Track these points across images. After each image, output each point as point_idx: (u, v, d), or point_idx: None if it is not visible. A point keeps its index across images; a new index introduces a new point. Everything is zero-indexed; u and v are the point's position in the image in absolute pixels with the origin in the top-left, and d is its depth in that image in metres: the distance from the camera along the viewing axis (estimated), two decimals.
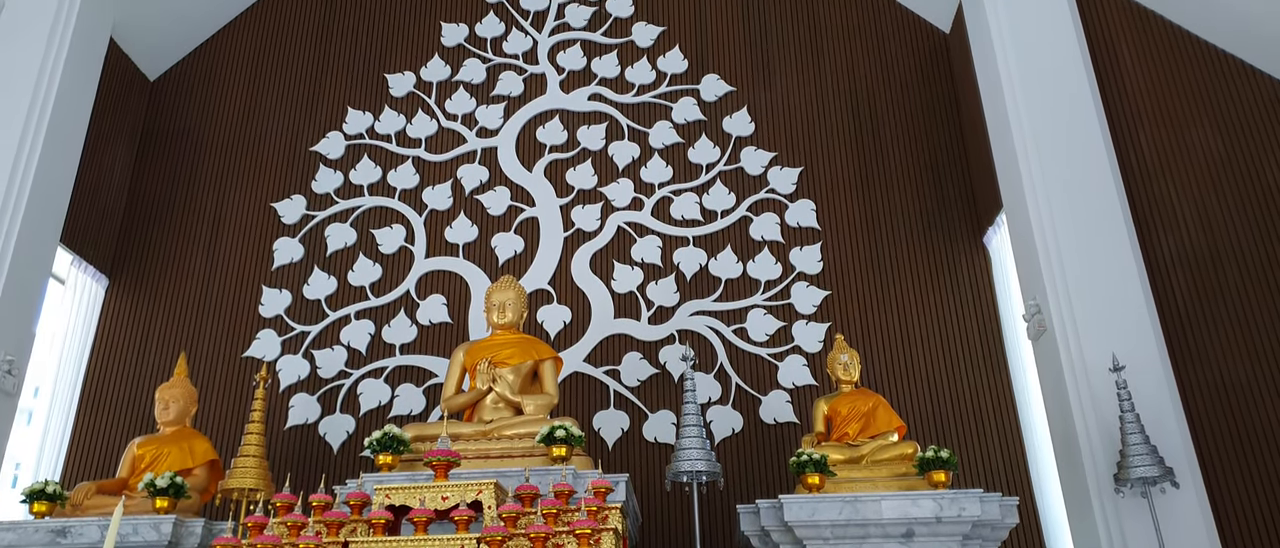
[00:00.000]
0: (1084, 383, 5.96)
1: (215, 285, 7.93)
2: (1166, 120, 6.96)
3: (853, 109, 8.15)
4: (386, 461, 5.36)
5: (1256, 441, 5.97)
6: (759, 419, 7.09)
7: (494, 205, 8.01)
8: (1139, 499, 5.49)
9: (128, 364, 7.68)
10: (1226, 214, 6.59)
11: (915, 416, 6.97)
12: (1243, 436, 5.99)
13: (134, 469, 5.87)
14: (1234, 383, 6.13)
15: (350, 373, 7.48)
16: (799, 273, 7.56)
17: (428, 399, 7.33)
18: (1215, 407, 6.10)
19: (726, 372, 7.25)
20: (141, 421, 7.36)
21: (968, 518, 5.05)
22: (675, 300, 7.54)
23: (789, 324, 7.39)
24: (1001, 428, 6.91)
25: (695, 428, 5.42)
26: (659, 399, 7.22)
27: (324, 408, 7.38)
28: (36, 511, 5.37)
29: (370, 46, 8.86)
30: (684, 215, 7.86)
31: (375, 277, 7.82)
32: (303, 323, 7.69)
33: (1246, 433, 6.00)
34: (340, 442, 7.23)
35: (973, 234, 7.59)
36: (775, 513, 5.24)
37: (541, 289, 7.68)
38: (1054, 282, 6.27)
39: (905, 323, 7.33)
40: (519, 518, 4.36)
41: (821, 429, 5.92)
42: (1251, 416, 6.04)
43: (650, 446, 7.08)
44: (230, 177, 8.37)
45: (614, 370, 7.34)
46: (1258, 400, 6.07)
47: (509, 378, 6.10)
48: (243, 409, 7.36)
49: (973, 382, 7.09)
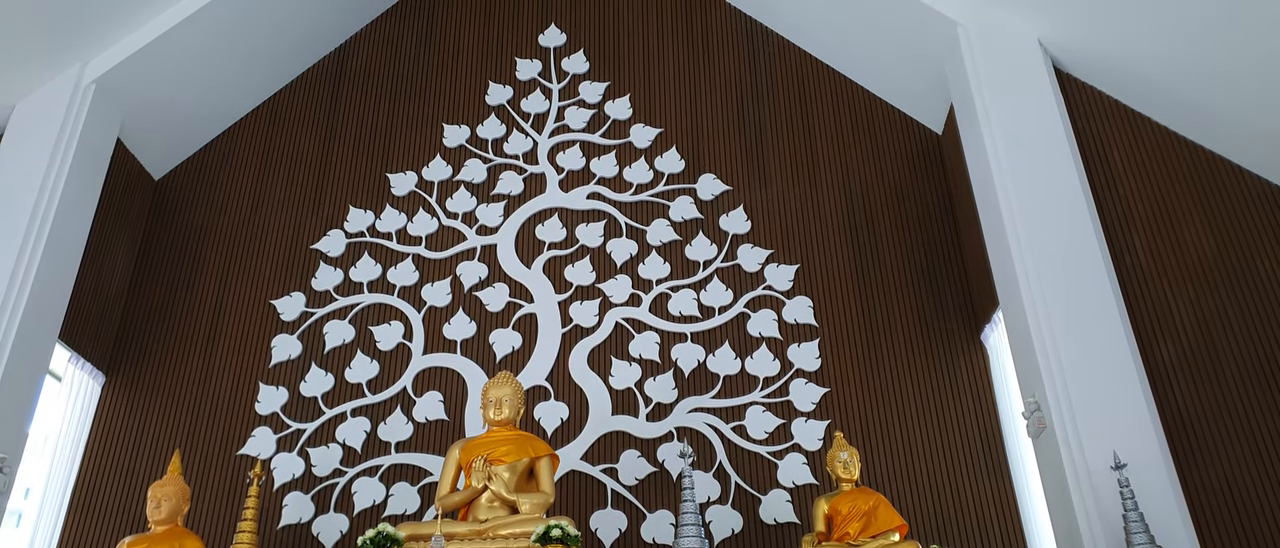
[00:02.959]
0: (1086, 481, 5.90)
1: (212, 382, 7.92)
2: (1160, 221, 7.09)
3: (847, 208, 8.30)
4: None
5: (1261, 538, 5.88)
6: (759, 519, 6.99)
7: (492, 302, 8.08)
8: None
9: (121, 462, 7.61)
10: (1222, 313, 6.65)
11: (916, 514, 6.87)
12: (1247, 534, 5.91)
13: None
14: (1239, 485, 6.08)
15: (345, 471, 7.40)
16: (797, 369, 7.58)
17: (422, 498, 7.23)
18: (1221, 508, 6.03)
19: (726, 470, 7.18)
20: (133, 521, 7.24)
21: None
22: (673, 397, 7.53)
23: (788, 421, 7.36)
24: (1003, 526, 6.81)
25: (694, 528, 5.35)
26: (657, 499, 7.14)
27: (318, 507, 7.28)
28: None
29: (373, 147, 9.08)
30: (682, 311, 7.92)
31: (372, 373, 7.83)
32: (299, 420, 7.66)
33: (1250, 532, 5.91)
34: (334, 542, 7.10)
35: (970, 332, 7.63)
36: None
37: (539, 385, 7.67)
38: (1052, 378, 6.27)
39: (904, 420, 7.30)
40: None
41: (822, 529, 5.84)
42: (1258, 517, 5.97)
43: (649, 547, 6.95)
44: (231, 274, 8.46)
45: (612, 469, 7.28)
46: (1264, 502, 6.01)
47: (505, 476, 6.05)
48: (236, 508, 7.26)
49: (973, 480, 7.02)
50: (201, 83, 8.72)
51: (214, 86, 8.87)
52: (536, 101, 9.17)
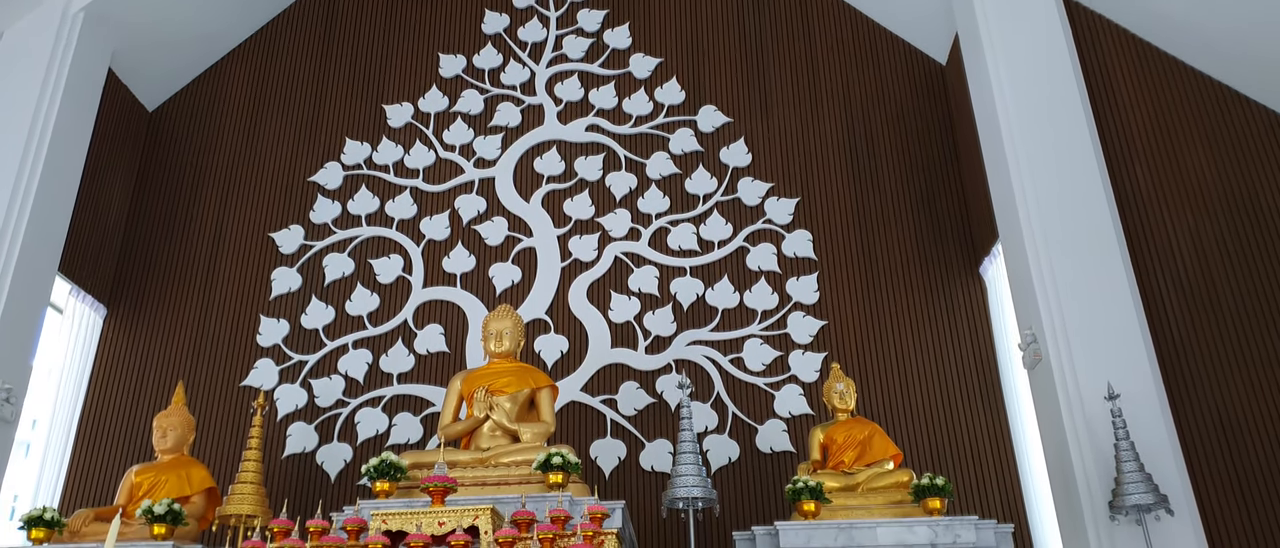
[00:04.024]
0: (1079, 411, 5.98)
1: (213, 315, 7.96)
2: (1162, 150, 7.05)
3: (849, 140, 8.24)
4: (383, 487, 5.37)
5: (1251, 469, 5.99)
6: (755, 448, 7.10)
7: (491, 236, 8.08)
8: (1133, 527, 5.50)
9: (125, 393, 7.69)
10: (1221, 243, 6.66)
11: (911, 444, 6.99)
12: (1238, 464, 6.01)
13: (132, 497, 5.87)
14: (1229, 412, 6.16)
15: (348, 402, 7.49)
16: (795, 303, 7.61)
17: (425, 428, 7.33)
18: (1210, 435, 6.12)
19: (723, 401, 7.27)
20: (139, 449, 7.36)
21: (963, 545, 5.06)
22: (672, 330, 7.58)
23: (785, 354, 7.42)
24: (996, 456, 6.93)
25: (691, 456, 5.44)
26: (656, 429, 7.24)
27: (321, 437, 7.39)
28: (35, 537, 5.37)
29: (368, 77, 8.97)
30: (681, 246, 7.92)
31: (373, 306, 7.86)
32: (300, 352, 7.72)
33: (1242, 461, 6.02)
34: (337, 470, 7.23)
35: (969, 264, 7.65)
36: (771, 540, 5.24)
37: (539, 319, 7.72)
38: (1050, 311, 6.31)
39: (901, 352, 7.36)
40: (515, 543, 4.37)
41: (817, 457, 5.94)
42: (1247, 444, 6.06)
43: (647, 474, 7.08)
44: (229, 206, 8.43)
45: (611, 400, 7.36)
46: (1253, 429, 6.10)
47: (506, 406, 6.13)
48: (240, 438, 7.36)
49: (968, 410, 7.11)
50: (192, 10, 8.58)
51: (205, 14, 8.72)
52: (534, 30, 9.02)
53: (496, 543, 4.32)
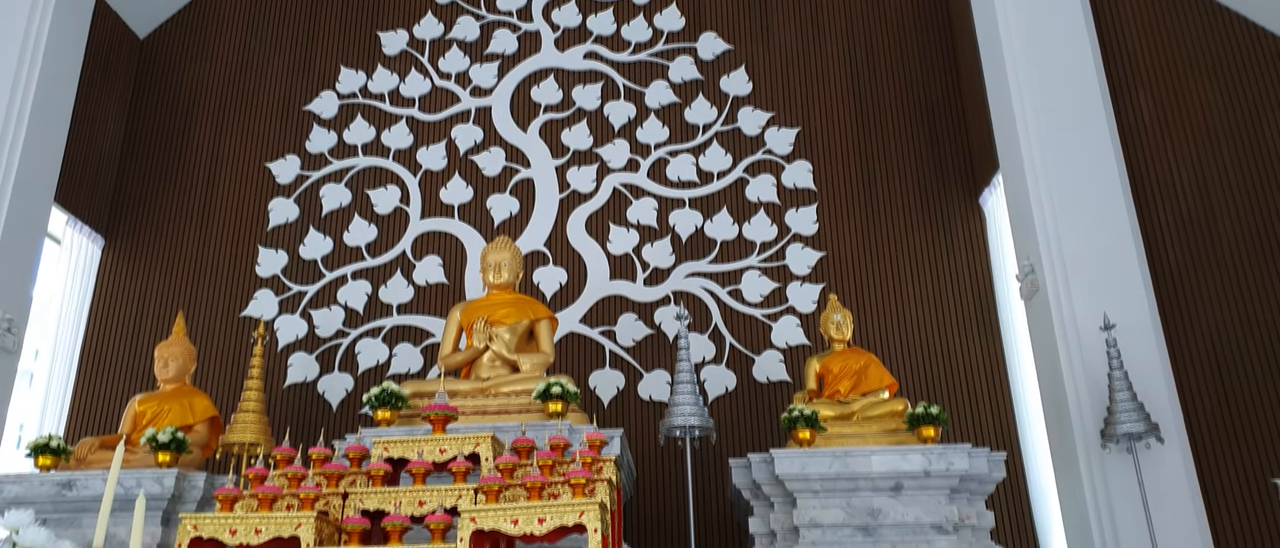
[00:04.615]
0: (1075, 342, 6.03)
1: (211, 245, 7.95)
2: (1166, 79, 6.96)
3: (851, 69, 8.13)
4: (385, 416, 5.44)
5: (1241, 398, 6.06)
6: (752, 378, 7.17)
7: (489, 166, 8.02)
8: (1124, 455, 5.59)
9: (126, 324, 7.72)
10: (1222, 173, 6.63)
11: (907, 373, 7.05)
12: (1228, 394, 6.08)
13: (136, 426, 5.94)
14: (1223, 342, 6.21)
15: (348, 332, 7.53)
16: (794, 234, 7.60)
17: (425, 358, 7.39)
18: (1203, 365, 6.18)
19: (721, 332, 7.32)
20: (141, 379, 7.42)
21: (956, 472, 5.14)
22: (671, 262, 7.58)
23: (783, 285, 7.44)
24: (991, 386, 7.01)
25: (688, 385, 5.49)
26: (654, 359, 7.30)
27: (322, 367, 7.45)
28: (41, 464, 5.45)
29: (362, 2, 8.79)
30: (680, 177, 7.87)
31: (371, 237, 7.85)
32: (299, 283, 7.73)
33: (1232, 391, 6.08)
34: (339, 400, 7.31)
35: (969, 195, 7.62)
36: (767, 467, 5.33)
37: (537, 251, 7.71)
38: (1048, 242, 6.32)
39: (899, 283, 7.39)
40: (515, 470, 4.43)
41: (814, 387, 6.00)
42: (1238, 374, 6.13)
43: (645, 404, 7.16)
44: (224, 136, 8.35)
45: (610, 331, 7.41)
46: (1245, 359, 6.15)
47: (505, 337, 6.16)
48: (241, 368, 7.42)
49: (964, 341, 7.16)
50: None
51: None
52: None
53: (497, 470, 4.38)
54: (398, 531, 4.10)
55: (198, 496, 5.43)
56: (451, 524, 4.15)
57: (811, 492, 5.22)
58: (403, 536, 4.14)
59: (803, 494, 5.23)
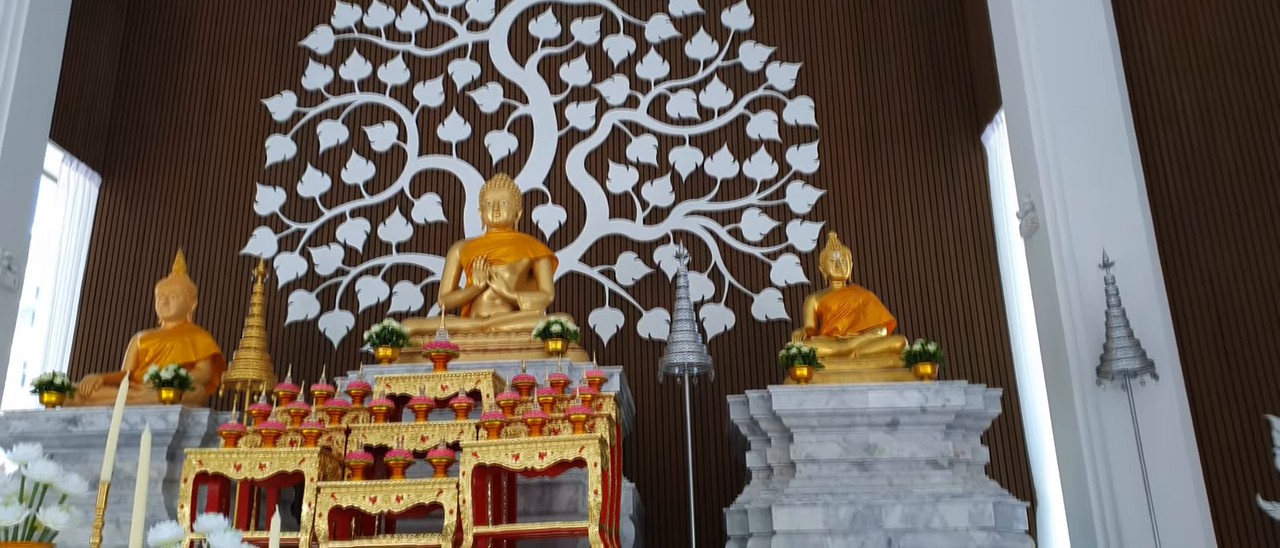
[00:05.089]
0: (1073, 279, 6.05)
1: (209, 183, 7.91)
2: (1176, 12, 6.83)
3: (854, 2, 8.00)
4: (386, 353, 5.47)
5: (1238, 336, 6.09)
6: (751, 317, 7.21)
7: (486, 103, 7.93)
8: (1119, 391, 5.65)
9: (126, 262, 7.73)
10: (1227, 109, 6.55)
11: (906, 311, 7.09)
12: (1225, 330, 6.11)
13: (138, 363, 5.98)
14: (1221, 279, 6.22)
15: (348, 270, 7.54)
16: (795, 172, 7.56)
17: (425, 297, 7.42)
18: (1200, 300, 6.19)
19: (720, 271, 7.33)
20: (143, 316, 7.45)
21: (951, 408, 5.20)
22: (670, 201, 7.56)
23: (783, 224, 7.43)
24: (989, 323, 7.05)
25: (687, 323, 5.52)
26: (653, 298, 7.32)
27: (323, 305, 7.48)
28: (47, 401, 5.50)
29: None
30: (680, 113, 7.80)
31: (369, 175, 7.80)
32: (298, 221, 7.71)
33: (1229, 328, 6.11)
34: (340, 337, 7.35)
35: (970, 132, 7.56)
36: (764, 403, 5.39)
37: (536, 189, 7.68)
38: (1049, 179, 6.30)
39: (899, 221, 7.38)
40: (516, 406, 4.48)
41: (812, 325, 6.03)
42: (1235, 311, 6.15)
43: (645, 342, 7.21)
44: (219, 72, 8.24)
45: (609, 270, 7.42)
46: (1243, 297, 6.17)
47: (505, 275, 6.17)
48: (242, 306, 7.45)
49: (963, 278, 7.18)
50: None
51: None
52: None
53: (498, 406, 4.43)
54: (400, 465, 4.16)
55: (202, 432, 5.50)
56: (453, 459, 4.22)
57: (808, 428, 5.29)
58: (405, 470, 4.21)
59: (799, 430, 5.29)
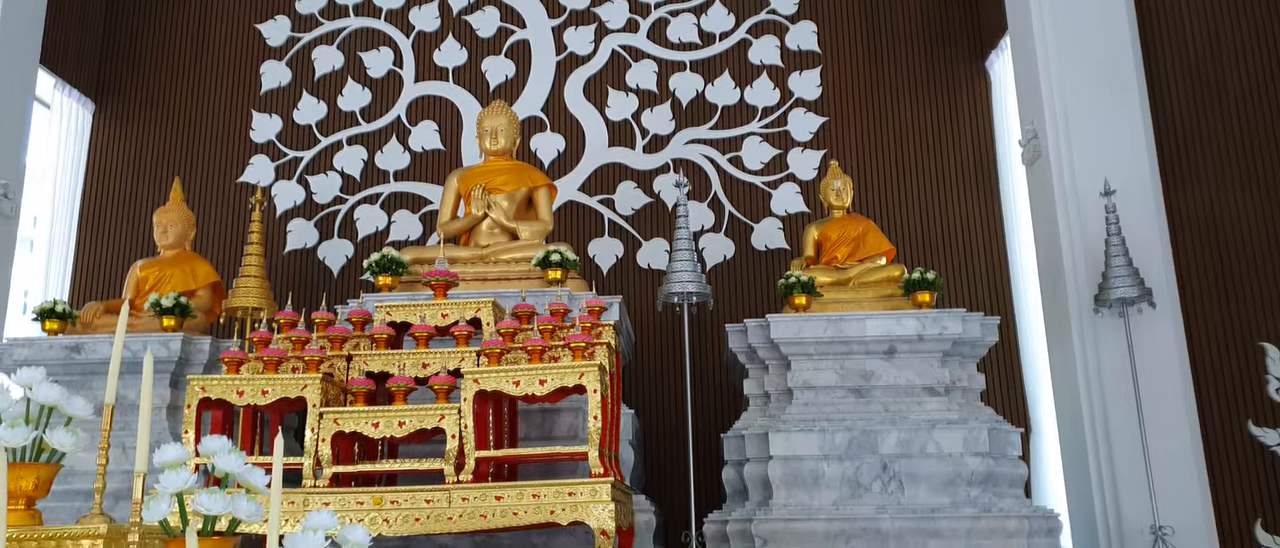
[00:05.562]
0: (1074, 207, 6.04)
1: (204, 110, 7.82)
2: None
3: None
4: (386, 282, 5.49)
5: (1236, 263, 6.08)
6: (751, 246, 7.21)
7: (483, 27, 7.79)
8: (1116, 320, 5.67)
9: (122, 189, 7.69)
10: (1235, 27, 6.42)
11: (905, 239, 7.08)
12: (1224, 258, 6.10)
13: (139, 291, 5.99)
14: (1223, 206, 6.18)
15: (346, 199, 7.51)
16: (797, 99, 7.47)
17: (424, 226, 7.40)
18: (1201, 230, 6.17)
19: (720, 200, 7.30)
20: (142, 244, 7.44)
21: (949, 336, 5.24)
22: (670, 129, 7.48)
23: (784, 152, 7.37)
24: (988, 251, 7.05)
25: (686, 252, 5.52)
26: (653, 228, 7.31)
27: (321, 233, 7.46)
28: (49, 329, 5.53)
29: None
30: (681, 38, 7.66)
31: (365, 102, 7.71)
32: (295, 148, 7.65)
33: (1228, 256, 6.10)
34: (339, 266, 7.36)
35: (974, 59, 7.45)
36: (762, 331, 5.42)
37: (534, 116, 7.59)
38: (1053, 106, 6.23)
39: (901, 148, 7.32)
40: (516, 334, 4.51)
41: (811, 254, 6.03)
42: (1236, 239, 6.13)
43: (644, 272, 7.22)
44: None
45: (608, 199, 7.38)
46: (1244, 224, 6.14)
47: (504, 204, 6.15)
48: (240, 234, 7.43)
49: (964, 206, 7.16)
50: None
51: None
52: None
53: (499, 334, 4.46)
54: (402, 392, 4.21)
55: (204, 360, 5.54)
56: (455, 386, 4.26)
57: (806, 355, 5.33)
58: (407, 396, 4.26)
59: (797, 358, 5.33)
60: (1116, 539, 5.51)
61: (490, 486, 3.95)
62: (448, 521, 3.89)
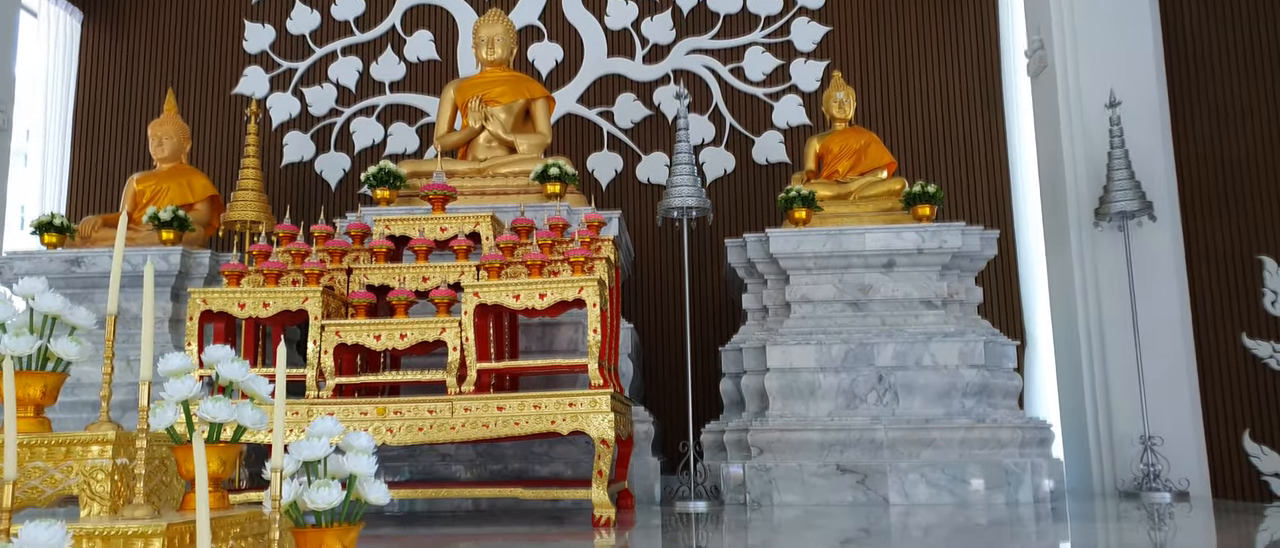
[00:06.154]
0: (1078, 120, 5.98)
1: (195, 19, 7.65)
2: None
3: None
4: (384, 195, 5.46)
5: (1239, 176, 6.05)
6: (752, 160, 7.15)
7: None
8: (1115, 232, 5.67)
9: (115, 101, 7.58)
10: None
11: (908, 152, 7.02)
12: (1227, 171, 6.07)
13: (136, 204, 5.97)
14: (1229, 119, 6.11)
15: (341, 111, 7.41)
16: (800, 7, 7.30)
17: (421, 138, 7.33)
18: (1206, 142, 6.11)
19: (721, 112, 7.21)
20: (137, 156, 7.38)
21: (948, 249, 5.24)
22: (671, 38, 7.33)
23: (787, 63, 7.25)
24: (990, 164, 7.00)
25: (686, 166, 5.47)
26: (653, 141, 7.23)
27: (318, 146, 7.39)
28: (47, 242, 5.53)
29: None
30: None
31: (359, 10, 7.53)
32: (289, 59, 7.51)
33: (1231, 168, 6.06)
34: (337, 179, 7.32)
35: None
36: (762, 246, 5.42)
37: (531, 25, 7.43)
38: (1061, 16, 6.11)
39: (906, 59, 7.19)
40: (516, 248, 4.51)
41: (812, 167, 5.98)
42: (1240, 151, 6.07)
43: (643, 186, 7.18)
44: None
45: (607, 112, 7.29)
46: (1248, 131, 6.07)
47: (501, 116, 6.08)
48: (236, 147, 7.36)
49: (967, 119, 7.08)
50: None
51: None
52: None
53: (498, 248, 4.46)
54: (403, 304, 4.23)
55: (204, 273, 5.55)
56: (455, 299, 4.28)
57: (805, 269, 5.34)
58: (408, 309, 4.28)
59: (796, 272, 5.35)
60: (1107, 449, 5.63)
61: (492, 396, 4.01)
62: (450, 430, 3.95)
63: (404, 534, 3.68)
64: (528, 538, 3.47)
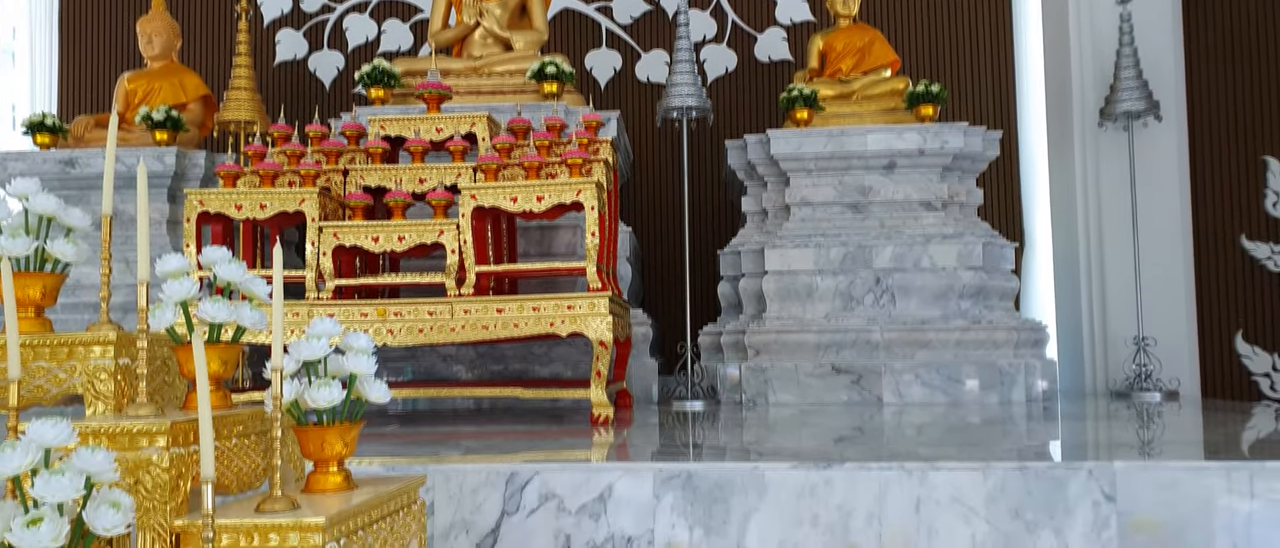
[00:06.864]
0: (1088, 17, 5.85)
1: None
2: None
3: None
4: (378, 94, 5.37)
5: (1249, 75, 5.93)
6: (753, 58, 7.01)
7: None
8: (1120, 133, 5.61)
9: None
10: None
11: (912, 50, 6.88)
12: (1237, 70, 5.95)
13: (128, 104, 5.88)
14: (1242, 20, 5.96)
15: (334, 7, 7.23)
16: None
17: (415, 36, 7.17)
18: (1217, 39, 5.98)
19: (722, 8, 7.03)
20: (127, 55, 7.23)
21: (950, 150, 5.19)
22: None
23: None
24: (995, 63, 6.87)
25: (687, 64, 5.36)
26: (652, 38, 7.07)
27: (311, 44, 7.24)
28: (40, 142, 5.47)
29: None
30: None
31: None
32: None
33: (1241, 67, 5.95)
34: (330, 78, 7.19)
35: None
36: (762, 147, 5.37)
37: None
38: None
39: None
40: (512, 150, 4.46)
41: (815, 66, 5.87)
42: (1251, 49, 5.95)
43: (643, 85, 7.06)
44: None
45: (605, 7, 7.10)
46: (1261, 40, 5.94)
47: (496, 13, 5.93)
48: (226, 46, 7.20)
49: (974, 17, 6.91)
50: None
51: None
52: None
53: (494, 149, 4.41)
54: (400, 207, 4.21)
55: (200, 174, 5.51)
56: (452, 201, 4.26)
57: (805, 171, 5.30)
58: (405, 211, 4.27)
59: (796, 173, 5.31)
60: (1100, 349, 5.70)
61: (491, 299, 4.03)
62: (450, 332, 3.99)
63: (407, 432, 3.76)
64: (528, 436, 3.54)
